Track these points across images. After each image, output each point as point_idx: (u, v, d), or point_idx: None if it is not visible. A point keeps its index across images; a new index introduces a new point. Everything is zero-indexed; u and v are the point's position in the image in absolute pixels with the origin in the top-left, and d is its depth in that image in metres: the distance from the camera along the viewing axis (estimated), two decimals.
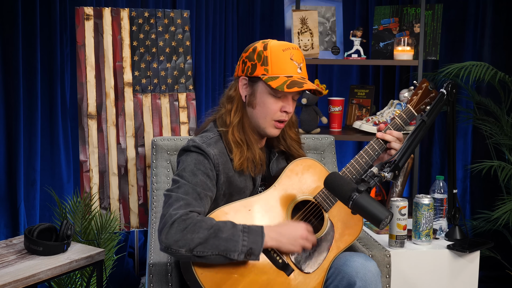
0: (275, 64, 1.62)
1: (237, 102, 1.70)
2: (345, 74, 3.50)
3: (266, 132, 1.69)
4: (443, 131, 3.33)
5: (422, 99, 1.83)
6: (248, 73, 1.66)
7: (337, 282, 1.62)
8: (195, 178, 1.59)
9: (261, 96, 1.65)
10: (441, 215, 2.30)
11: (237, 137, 1.67)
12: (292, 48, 1.64)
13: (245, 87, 1.69)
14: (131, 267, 3.01)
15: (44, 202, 2.81)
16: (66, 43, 2.87)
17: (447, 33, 3.26)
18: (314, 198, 1.70)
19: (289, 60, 1.63)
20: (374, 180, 1.49)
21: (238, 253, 1.50)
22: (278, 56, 1.62)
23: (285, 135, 1.79)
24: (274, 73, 1.62)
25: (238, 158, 1.65)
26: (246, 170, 1.67)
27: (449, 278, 2.19)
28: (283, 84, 1.59)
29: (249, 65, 1.66)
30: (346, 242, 1.71)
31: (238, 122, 1.68)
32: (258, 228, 1.55)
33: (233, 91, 1.72)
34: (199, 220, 1.51)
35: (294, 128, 1.82)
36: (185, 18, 2.74)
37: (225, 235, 1.50)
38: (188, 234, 1.48)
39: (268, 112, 1.65)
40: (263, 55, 1.63)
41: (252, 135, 1.69)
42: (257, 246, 1.52)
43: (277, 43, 1.66)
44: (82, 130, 2.58)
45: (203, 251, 1.49)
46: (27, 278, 1.77)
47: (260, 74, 1.63)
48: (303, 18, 2.84)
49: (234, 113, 1.69)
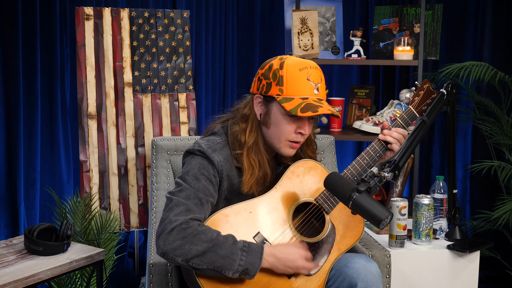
0: (291, 84, 1.57)
1: (251, 121, 1.65)
2: (345, 74, 3.50)
3: (281, 152, 1.65)
4: (443, 131, 3.33)
5: (424, 100, 1.83)
6: (263, 92, 1.61)
7: (338, 283, 1.62)
8: (197, 183, 1.57)
9: (275, 117, 1.61)
10: (441, 215, 2.30)
11: (252, 160, 1.63)
12: (309, 68, 1.58)
13: (260, 106, 1.64)
14: (131, 267, 3.01)
15: (44, 202, 2.81)
16: (66, 43, 2.87)
17: (447, 33, 3.26)
18: (315, 200, 1.70)
19: (305, 80, 1.57)
20: (374, 180, 1.49)
21: (233, 271, 1.48)
22: (293, 76, 1.57)
23: (303, 154, 1.75)
24: (289, 94, 1.57)
25: (247, 181, 1.62)
26: (256, 191, 1.65)
27: (449, 278, 2.19)
28: (297, 107, 1.54)
29: (264, 83, 1.61)
30: (347, 245, 1.70)
31: (254, 142, 1.64)
32: (258, 248, 1.52)
33: (248, 109, 1.67)
34: (199, 231, 1.49)
35: (311, 146, 1.78)
36: (185, 18, 2.74)
37: (223, 252, 1.48)
38: (186, 244, 1.47)
39: (283, 133, 1.61)
40: (279, 74, 1.58)
41: (266, 155, 1.66)
42: (253, 268, 1.50)
43: (294, 61, 1.59)
44: (82, 130, 2.58)
45: (199, 264, 1.47)
46: (27, 278, 1.77)
47: (275, 94, 1.58)
48: (303, 18, 2.84)
49: (249, 133, 1.64)
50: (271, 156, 1.70)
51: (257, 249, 1.52)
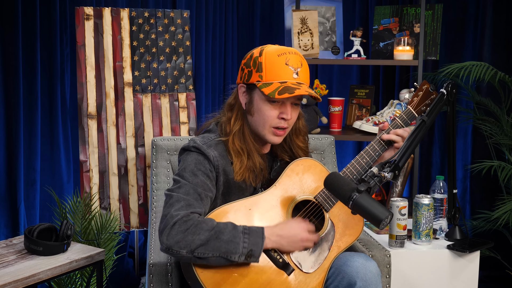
0: (269, 70, 1.60)
1: (237, 110, 1.69)
2: (345, 74, 3.50)
3: (266, 139, 1.67)
4: (443, 131, 3.33)
5: (423, 101, 1.84)
6: (245, 80, 1.65)
7: (337, 282, 1.62)
8: (195, 179, 1.59)
9: (258, 103, 1.63)
10: (441, 215, 2.30)
11: (237, 146, 1.66)
12: (288, 53, 1.61)
13: (244, 95, 1.67)
14: (131, 267, 3.01)
15: (44, 202, 2.81)
16: (66, 43, 2.87)
17: (447, 33, 3.26)
18: (314, 198, 1.70)
19: (283, 65, 1.60)
20: (374, 180, 1.49)
21: (239, 255, 1.51)
22: (272, 61, 1.60)
23: (292, 144, 1.77)
24: (268, 79, 1.60)
25: (238, 168, 1.64)
26: (248, 180, 1.66)
27: (449, 278, 2.19)
28: (275, 91, 1.56)
29: (246, 72, 1.64)
30: (347, 242, 1.71)
31: (239, 130, 1.67)
32: (259, 230, 1.55)
33: (233, 98, 1.71)
34: (200, 221, 1.51)
35: (302, 135, 1.79)
36: (185, 18, 2.74)
37: (226, 237, 1.50)
38: (189, 235, 1.48)
39: (266, 119, 1.63)
40: (258, 61, 1.61)
41: (253, 143, 1.68)
42: (257, 248, 1.52)
43: (273, 48, 1.63)
44: (82, 130, 2.58)
45: (204, 253, 1.49)
46: (27, 278, 1.77)
47: (255, 81, 1.61)
48: (303, 18, 2.84)
49: (234, 121, 1.68)
50: (260, 145, 1.71)
51: (258, 230, 1.55)
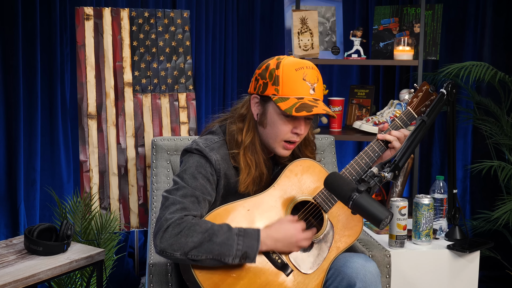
0: (286, 84, 1.57)
1: (249, 120, 1.67)
2: (345, 74, 3.50)
3: (275, 152, 1.67)
4: (443, 131, 3.33)
5: (423, 102, 1.84)
6: (260, 92, 1.62)
7: (336, 283, 1.62)
8: (195, 182, 1.58)
9: (271, 116, 1.61)
10: (441, 215, 2.30)
11: (248, 159, 1.64)
12: (306, 68, 1.59)
13: (257, 105, 1.65)
14: (131, 267, 3.01)
15: (44, 202, 2.81)
16: (66, 43, 2.87)
17: (447, 33, 3.26)
18: (313, 199, 1.70)
19: (301, 80, 1.58)
20: (374, 180, 1.49)
21: (232, 257, 1.50)
22: (289, 76, 1.57)
23: (302, 154, 1.76)
24: (284, 94, 1.57)
25: (244, 180, 1.64)
26: (252, 192, 1.66)
27: (449, 278, 2.19)
28: (292, 107, 1.55)
29: (261, 83, 1.62)
30: (346, 243, 1.71)
31: (250, 142, 1.65)
32: (254, 232, 1.54)
33: (245, 109, 1.68)
34: (193, 223, 1.50)
35: (311, 146, 1.79)
36: (185, 18, 2.74)
37: (219, 239, 1.50)
38: (182, 238, 1.48)
39: (279, 133, 1.61)
40: (275, 74, 1.58)
41: (262, 155, 1.67)
42: (252, 251, 1.52)
43: (290, 61, 1.60)
44: (82, 130, 2.58)
45: (197, 255, 1.49)
46: (27, 278, 1.77)
47: (271, 94, 1.59)
48: (303, 18, 2.84)
49: (246, 133, 1.65)
50: (267, 156, 1.71)
51: (253, 232, 1.54)
